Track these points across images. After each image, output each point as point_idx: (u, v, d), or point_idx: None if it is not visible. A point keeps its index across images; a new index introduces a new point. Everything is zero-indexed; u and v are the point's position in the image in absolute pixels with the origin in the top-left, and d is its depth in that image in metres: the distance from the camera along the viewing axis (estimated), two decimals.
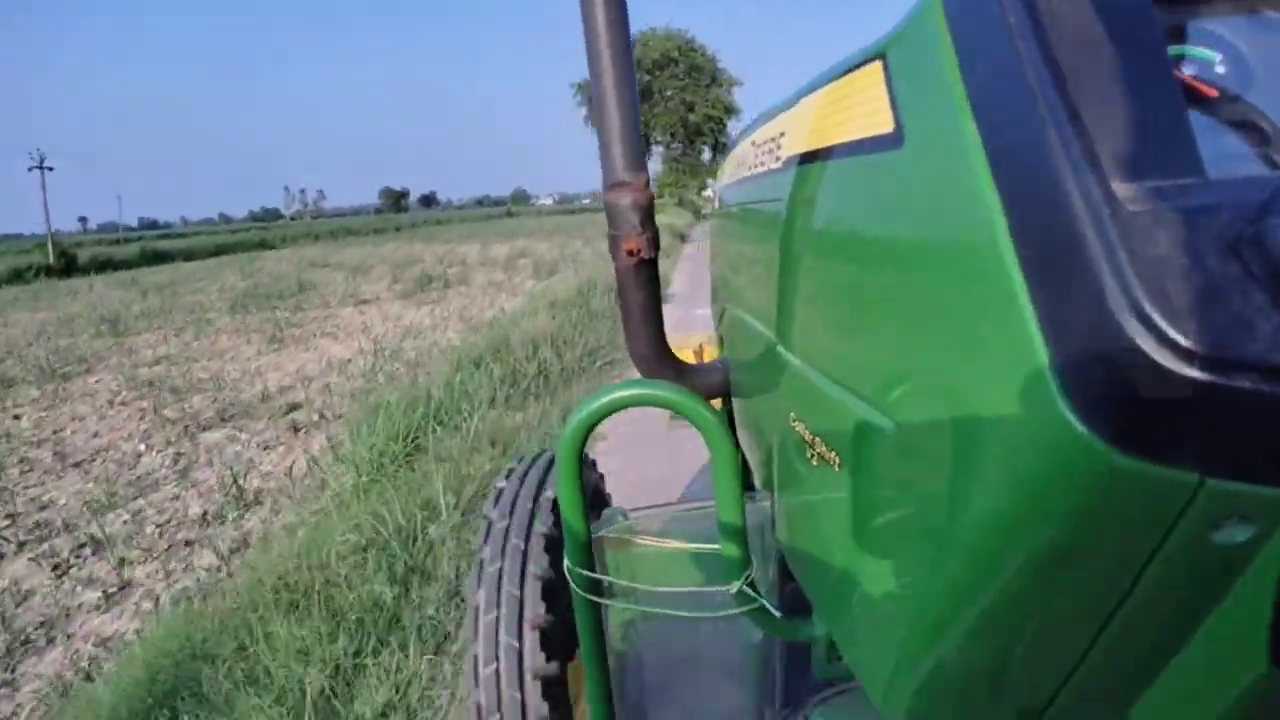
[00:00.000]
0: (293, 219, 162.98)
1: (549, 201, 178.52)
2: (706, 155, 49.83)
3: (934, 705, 0.56)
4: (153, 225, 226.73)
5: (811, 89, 0.74)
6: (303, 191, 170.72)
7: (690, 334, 2.10)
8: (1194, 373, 0.30)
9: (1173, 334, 0.30)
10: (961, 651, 0.50)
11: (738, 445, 1.07)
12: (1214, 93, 0.42)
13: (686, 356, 1.51)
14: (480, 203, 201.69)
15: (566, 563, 1.01)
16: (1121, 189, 0.33)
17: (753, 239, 1.00)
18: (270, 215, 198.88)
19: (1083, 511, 0.37)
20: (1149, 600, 0.41)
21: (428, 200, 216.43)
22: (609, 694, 1.12)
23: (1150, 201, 0.33)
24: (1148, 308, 0.31)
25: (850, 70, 0.60)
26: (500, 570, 1.32)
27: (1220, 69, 0.43)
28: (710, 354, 1.87)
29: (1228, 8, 0.43)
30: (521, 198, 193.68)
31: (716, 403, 1.40)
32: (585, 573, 1.00)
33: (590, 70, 0.98)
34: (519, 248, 19.90)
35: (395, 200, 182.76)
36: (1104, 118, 0.35)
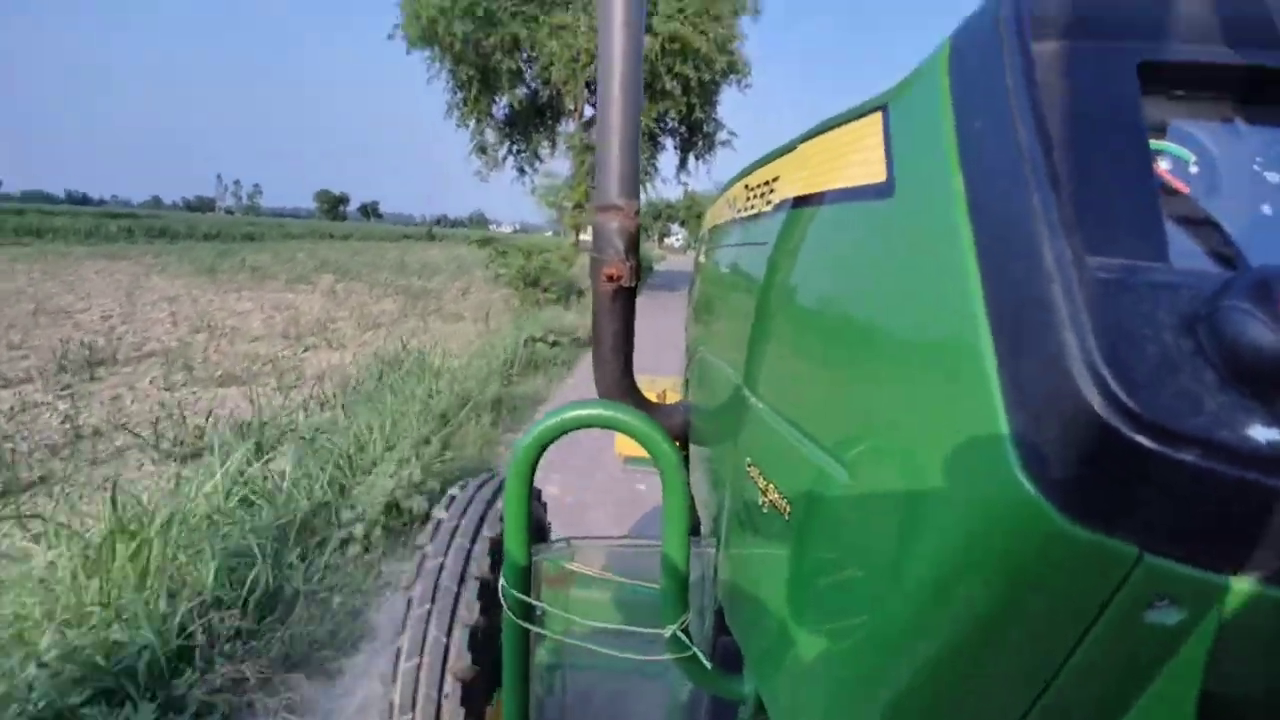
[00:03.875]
0: (228, 212, 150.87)
1: (509, 229, 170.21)
2: (670, 155, 23.92)
3: None
4: (83, 200, 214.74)
5: (812, 135, 0.74)
6: (237, 183, 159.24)
7: (655, 378, 2.08)
8: (1140, 439, 0.31)
9: (1124, 399, 0.31)
10: None
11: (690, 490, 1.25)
12: (1185, 189, 0.44)
13: (649, 398, 1.43)
14: (438, 221, 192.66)
15: (502, 583, 0.97)
16: (1093, 260, 0.35)
17: (734, 281, 0.99)
18: (205, 205, 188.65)
19: (1021, 577, 0.37)
20: (1080, 677, 0.40)
21: (367, 210, 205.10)
22: None
23: (1118, 274, 0.35)
24: (1103, 371, 0.32)
25: (852, 119, 0.61)
26: (429, 612, 1.25)
27: (1193, 169, 0.44)
28: (673, 400, 1.79)
29: (1209, 114, 0.46)
30: (480, 221, 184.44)
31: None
32: (519, 595, 0.96)
33: (599, 92, 1.01)
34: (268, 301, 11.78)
35: (333, 205, 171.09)
36: (1086, 192, 0.37)
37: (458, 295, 13.42)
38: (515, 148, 19.61)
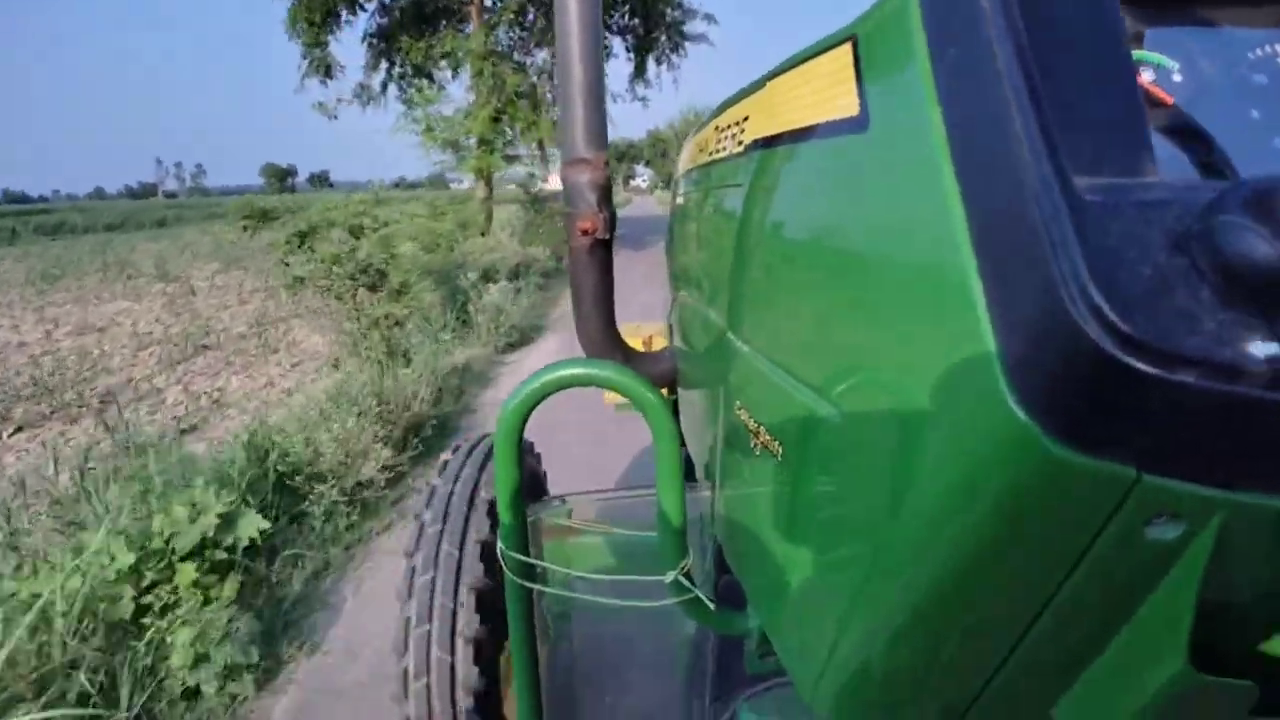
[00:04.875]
0: (168, 196, 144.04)
1: (465, 185, 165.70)
2: (621, 62, 14.55)
3: (861, 702, 0.56)
4: (21, 199, 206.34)
5: (780, 72, 0.71)
6: (178, 165, 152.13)
7: (640, 325, 2.07)
8: (1136, 363, 0.30)
9: (1118, 323, 0.30)
10: (890, 648, 0.50)
11: (681, 436, 1.12)
12: (1169, 100, 0.42)
13: (635, 346, 1.42)
14: (396, 184, 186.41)
15: (500, 545, 0.98)
16: (1078, 181, 0.33)
17: (710, 225, 0.97)
18: (149, 191, 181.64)
19: (1019, 503, 0.37)
20: (1078, 596, 0.41)
21: (316, 179, 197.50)
22: (537, 681, 1.08)
23: (1105, 195, 0.33)
24: (1095, 296, 0.31)
25: (820, 53, 0.59)
26: (433, 580, 1.28)
27: (1177, 78, 0.43)
28: (660, 346, 1.80)
29: (1191, 19, 0.44)
30: (439, 181, 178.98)
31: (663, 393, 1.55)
32: (518, 556, 0.97)
33: (558, 46, 0.96)
34: None
35: (280, 178, 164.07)
36: (1066, 112, 0.35)
37: None
38: (396, 71, 13.66)
